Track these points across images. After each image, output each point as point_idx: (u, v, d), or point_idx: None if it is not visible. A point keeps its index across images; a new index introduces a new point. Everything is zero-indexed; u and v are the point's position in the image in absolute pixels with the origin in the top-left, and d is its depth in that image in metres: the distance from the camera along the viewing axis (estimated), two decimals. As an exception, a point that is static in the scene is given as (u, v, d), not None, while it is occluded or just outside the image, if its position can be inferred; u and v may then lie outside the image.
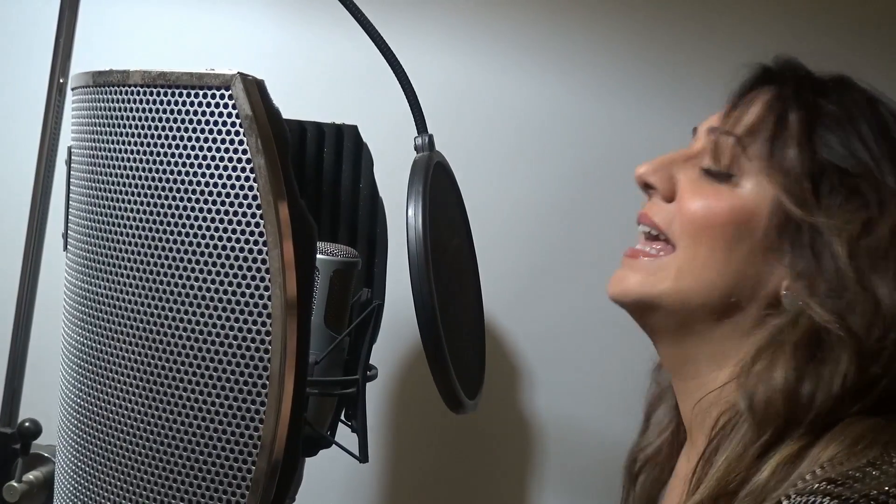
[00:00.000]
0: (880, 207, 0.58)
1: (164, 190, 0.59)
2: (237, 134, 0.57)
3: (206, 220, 0.58)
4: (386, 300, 0.88)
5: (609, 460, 1.14)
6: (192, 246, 0.58)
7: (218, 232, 0.57)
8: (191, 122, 0.58)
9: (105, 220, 0.62)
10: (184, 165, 0.58)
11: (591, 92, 1.14)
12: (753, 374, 0.59)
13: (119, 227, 0.61)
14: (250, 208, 0.57)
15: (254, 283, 0.57)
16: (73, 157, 0.69)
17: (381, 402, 1.18)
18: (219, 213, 0.57)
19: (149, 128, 0.59)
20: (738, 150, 0.62)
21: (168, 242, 0.59)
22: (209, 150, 0.58)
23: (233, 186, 0.57)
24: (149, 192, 0.59)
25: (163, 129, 0.59)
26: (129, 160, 0.60)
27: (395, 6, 1.13)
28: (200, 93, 0.58)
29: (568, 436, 1.17)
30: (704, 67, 0.66)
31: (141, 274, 0.60)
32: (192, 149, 0.58)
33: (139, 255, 0.60)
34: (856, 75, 0.65)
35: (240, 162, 0.57)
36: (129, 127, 0.60)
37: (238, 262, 0.57)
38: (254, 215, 0.57)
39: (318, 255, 0.73)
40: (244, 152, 0.57)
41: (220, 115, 0.57)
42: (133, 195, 0.60)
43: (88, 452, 0.63)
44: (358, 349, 0.78)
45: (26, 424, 0.84)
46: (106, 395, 0.62)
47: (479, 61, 1.15)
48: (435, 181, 0.76)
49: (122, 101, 0.61)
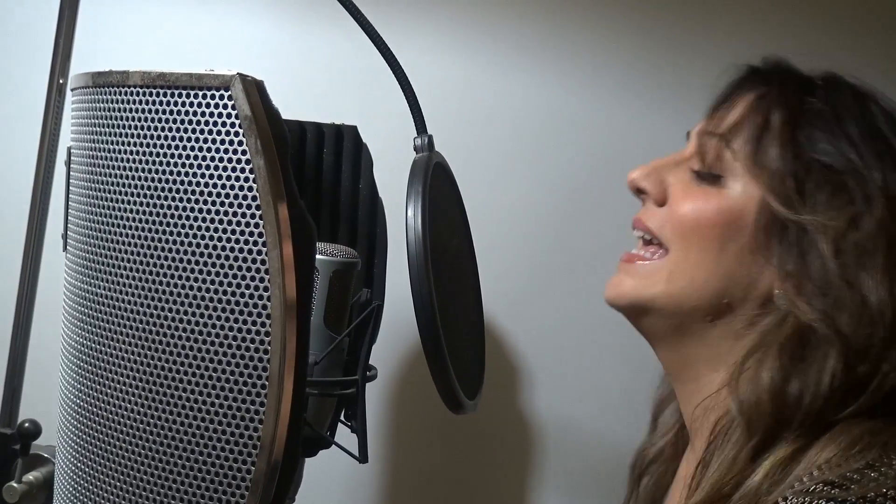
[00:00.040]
0: (866, 203, 0.58)
1: (163, 190, 0.59)
2: (237, 135, 0.57)
3: (205, 221, 0.58)
4: (386, 300, 0.88)
5: (609, 460, 1.15)
6: (191, 246, 0.58)
7: (217, 233, 0.57)
8: (190, 122, 0.58)
9: (105, 221, 0.62)
10: (183, 166, 0.58)
11: (591, 93, 1.14)
12: (744, 376, 0.59)
13: (118, 227, 0.61)
14: (250, 209, 0.57)
15: (253, 283, 0.57)
16: (72, 157, 0.69)
17: (380, 402, 1.18)
18: (218, 214, 0.57)
19: (148, 128, 0.59)
20: (724, 151, 0.62)
21: (167, 243, 0.59)
22: (209, 151, 0.58)
23: (232, 187, 0.57)
24: (148, 193, 0.59)
25: (162, 129, 0.59)
26: (128, 161, 0.60)
27: (394, 7, 1.13)
28: (200, 93, 0.58)
29: (568, 436, 1.17)
30: (704, 69, 0.66)
31: (140, 274, 0.60)
32: (192, 149, 0.58)
33: (138, 255, 0.60)
34: (856, 75, 0.65)
35: (239, 163, 0.57)
36: (129, 127, 0.60)
37: (237, 263, 0.57)
38: (253, 216, 0.57)
39: (318, 256, 0.73)
40: (244, 153, 0.57)
41: (220, 115, 0.57)
42: (132, 196, 0.60)
43: (88, 453, 0.63)
44: (357, 349, 0.78)
45: (26, 425, 0.84)
46: (106, 396, 0.62)
47: (479, 62, 1.15)
48: (434, 182, 0.75)
49: (122, 102, 0.61)
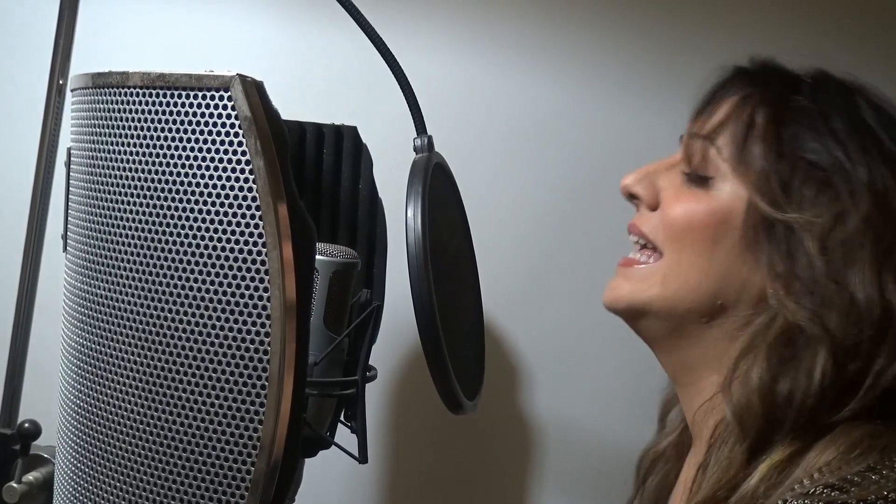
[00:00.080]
0: (852, 199, 0.57)
1: (163, 191, 0.59)
2: (236, 135, 0.57)
3: (205, 222, 0.58)
4: (385, 301, 0.88)
5: (609, 460, 1.15)
6: (191, 247, 0.58)
7: (217, 233, 0.58)
8: (190, 123, 0.58)
9: (104, 222, 0.62)
10: (183, 167, 0.58)
11: (589, 93, 1.14)
12: (736, 378, 0.58)
13: (118, 228, 0.61)
14: (249, 209, 0.57)
15: (253, 284, 0.57)
16: (72, 158, 0.69)
17: (380, 402, 1.18)
18: (218, 215, 0.57)
19: (148, 129, 0.59)
20: (711, 152, 0.62)
21: (167, 243, 0.59)
22: (208, 152, 0.58)
23: (232, 188, 0.57)
24: (148, 194, 0.59)
25: (162, 130, 0.59)
26: (128, 161, 0.60)
27: (394, 7, 1.13)
28: (200, 94, 0.58)
29: (568, 436, 1.17)
30: (703, 69, 0.66)
31: (140, 275, 0.60)
32: (192, 150, 0.58)
33: (138, 255, 0.60)
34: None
35: (239, 163, 0.57)
36: (129, 128, 0.60)
37: (237, 264, 0.57)
38: (253, 216, 0.57)
39: (318, 256, 0.73)
40: (243, 154, 0.57)
41: (220, 116, 0.57)
42: (132, 196, 0.60)
43: (88, 453, 0.63)
44: (357, 350, 0.78)
45: (26, 425, 0.84)
46: (106, 397, 0.62)
47: (478, 62, 1.15)
48: (434, 182, 0.76)
49: (122, 103, 0.61)
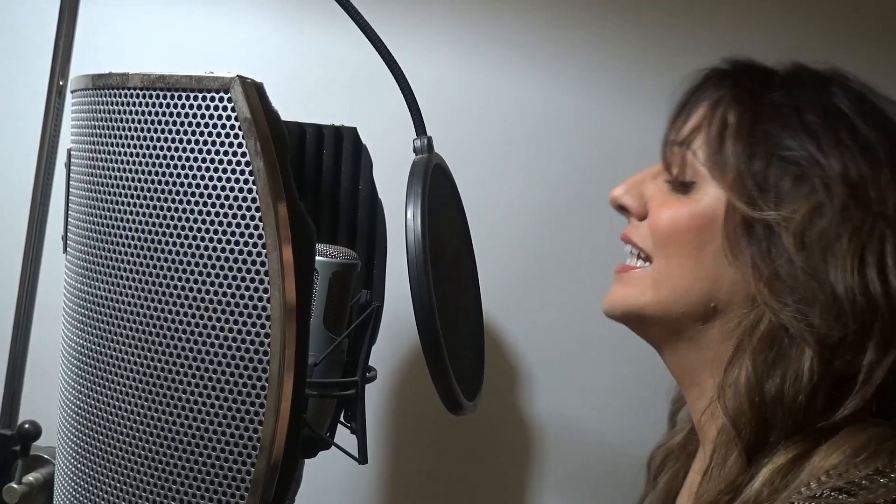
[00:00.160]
0: (827, 192, 0.57)
1: (163, 192, 0.59)
2: (236, 137, 0.57)
3: (205, 223, 0.58)
4: (385, 302, 0.88)
5: (608, 460, 1.15)
6: (191, 248, 0.58)
7: (217, 234, 0.58)
8: (190, 124, 0.58)
9: (104, 223, 0.62)
10: (183, 168, 0.58)
11: (587, 93, 1.14)
12: (728, 379, 0.58)
13: (118, 229, 0.61)
14: (249, 210, 0.57)
15: (253, 285, 0.57)
16: (72, 159, 0.69)
17: (380, 403, 1.18)
18: (218, 216, 0.58)
19: (148, 130, 0.59)
20: (689, 157, 0.62)
21: (167, 244, 0.59)
22: (208, 153, 0.58)
23: (232, 189, 0.57)
24: (148, 195, 0.59)
25: (162, 131, 0.59)
26: (128, 162, 0.60)
27: (393, 9, 1.13)
28: (200, 96, 0.58)
29: (568, 436, 1.17)
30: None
31: (140, 276, 0.60)
32: (192, 151, 0.58)
33: (139, 256, 0.60)
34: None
35: (239, 164, 0.57)
36: (129, 129, 0.60)
37: (237, 265, 0.57)
38: (253, 217, 0.57)
39: (318, 257, 0.73)
40: (243, 155, 0.57)
41: (220, 117, 0.57)
42: (132, 197, 0.60)
43: (88, 454, 0.63)
44: (357, 351, 0.78)
45: (26, 426, 0.84)
46: (106, 397, 0.62)
47: (477, 63, 1.15)
48: (434, 183, 0.76)
49: (122, 104, 0.61)
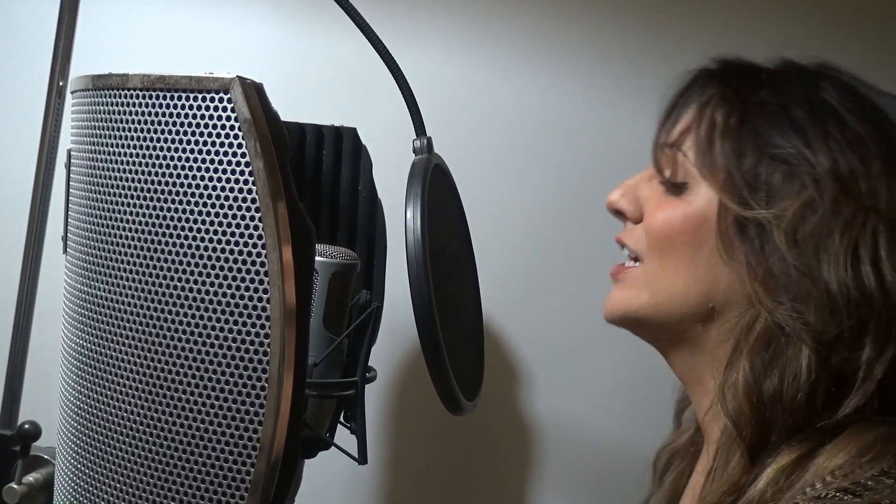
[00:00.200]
0: (817, 188, 0.56)
1: (163, 193, 0.59)
2: (236, 137, 0.57)
3: (205, 224, 0.58)
4: (385, 302, 0.88)
5: (608, 460, 1.15)
6: (191, 249, 0.58)
7: (217, 235, 0.58)
8: (190, 125, 0.58)
9: (104, 223, 0.62)
10: (183, 168, 0.58)
11: (586, 94, 1.14)
12: (728, 380, 0.58)
13: (118, 229, 0.61)
14: (249, 211, 0.57)
15: (253, 285, 0.57)
16: (72, 159, 0.69)
17: (380, 403, 1.18)
18: (218, 217, 0.58)
19: (148, 131, 0.60)
20: (680, 159, 0.62)
21: (167, 245, 0.59)
22: (208, 154, 0.58)
23: (231, 189, 0.57)
24: (148, 195, 0.60)
25: (162, 132, 0.59)
26: (128, 163, 0.61)
27: (392, 9, 1.13)
28: (199, 96, 0.58)
29: (568, 436, 1.17)
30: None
31: (140, 276, 0.60)
32: (192, 152, 0.58)
33: (138, 257, 0.60)
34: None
35: (239, 165, 0.57)
36: (129, 130, 0.60)
37: (237, 265, 0.57)
38: (253, 218, 0.57)
39: (318, 258, 0.73)
40: (243, 155, 0.57)
41: (220, 118, 0.57)
42: (132, 198, 0.60)
43: (88, 454, 0.63)
44: (357, 351, 0.78)
45: (26, 426, 0.84)
46: (106, 398, 0.62)
47: (476, 64, 1.15)
48: (433, 183, 0.76)
49: (122, 105, 0.61)
